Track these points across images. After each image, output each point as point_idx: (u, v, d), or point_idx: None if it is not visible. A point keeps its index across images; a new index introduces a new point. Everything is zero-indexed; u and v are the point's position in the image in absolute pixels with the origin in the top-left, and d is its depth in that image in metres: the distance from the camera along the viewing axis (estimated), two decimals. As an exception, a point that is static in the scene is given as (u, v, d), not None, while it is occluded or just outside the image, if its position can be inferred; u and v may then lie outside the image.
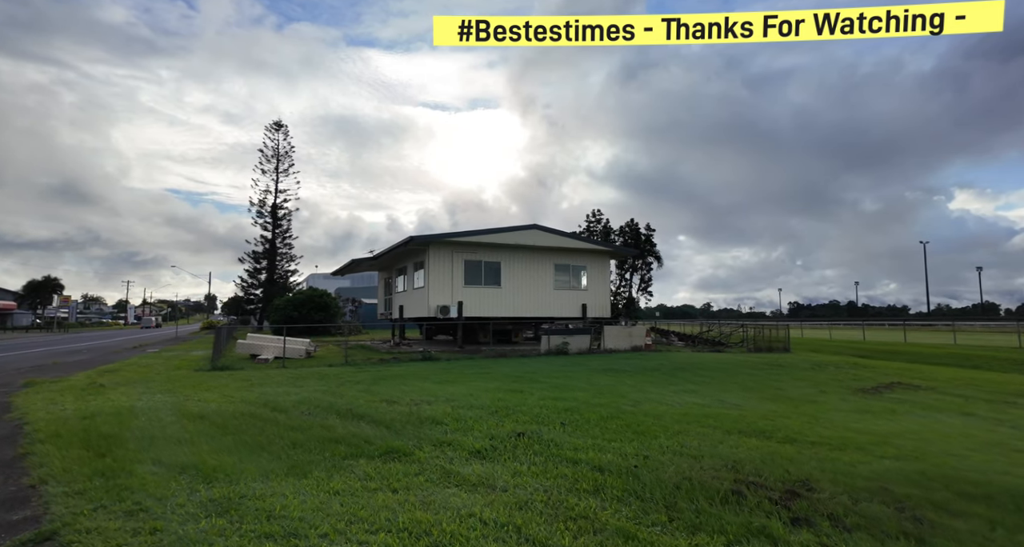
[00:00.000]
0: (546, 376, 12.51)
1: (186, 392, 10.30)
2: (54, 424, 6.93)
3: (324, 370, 14.91)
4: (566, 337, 19.74)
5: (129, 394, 10.04)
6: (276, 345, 18.85)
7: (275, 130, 54.49)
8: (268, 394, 9.91)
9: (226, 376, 13.50)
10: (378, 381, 11.89)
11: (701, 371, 13.49)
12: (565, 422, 6.90)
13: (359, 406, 8.29)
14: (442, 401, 8.85)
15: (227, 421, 7.12)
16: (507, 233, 23.01)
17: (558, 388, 10.40)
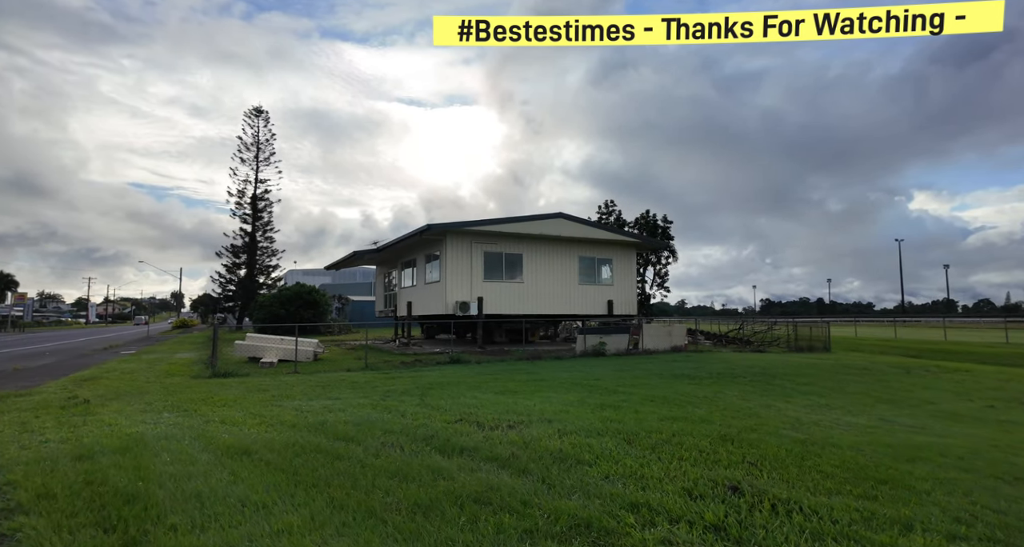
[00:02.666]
0: (618, 384, 10.75)
1: (201, 410, 8.20)
2: (39, 473, 4.84)
3: (347, 376, 12.86)
4: (602, 336, 18.01)
5: (127, 414, 7.90)
6: (280, 347, 16.66)
7: (255, 117, 51.51)
8: (307, 412, 7.91)
9: (235, 385, 11.37)
10: (426, 392, 9.96)
11: (792, 377, 11.89)
12: (755, 462, 5.13)
13: (442, 431, 6.39)
14: (537, 421, 7.01)
15: (286, 460, 5.15)
16: (530, 222, 21.17)
17: (656, 402, 8.64)
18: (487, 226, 20.61)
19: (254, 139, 51.18)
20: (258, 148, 51.16)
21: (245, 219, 49.80)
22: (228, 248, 49.32)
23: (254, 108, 51.49)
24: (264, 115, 51.73)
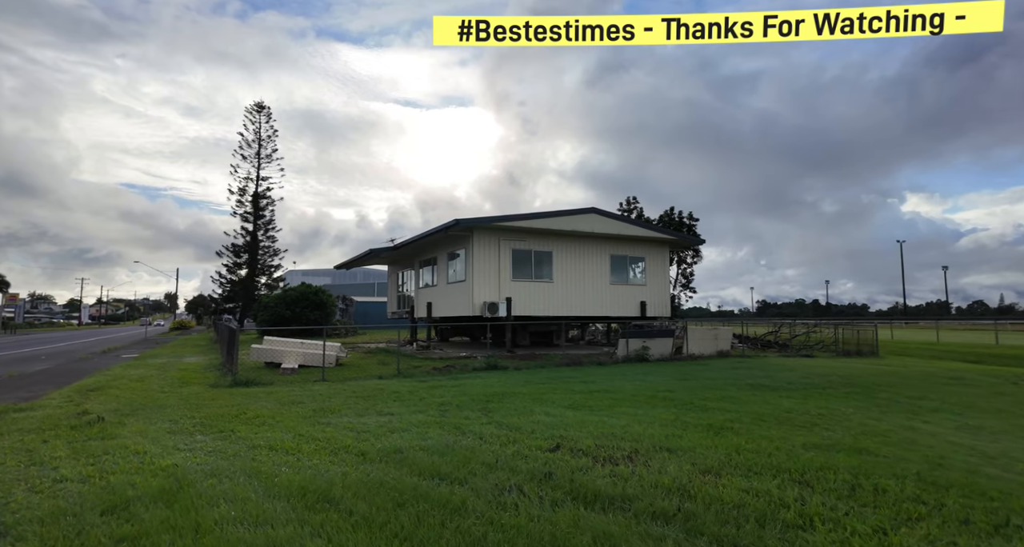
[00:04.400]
0: (697, 397, 9.55)
1: (239, 431, 6.92)
2: (61, 538, 3.57)
3: (383, 385, 11.59)
4: (645, 340, 16.80)
5: (153, 437, 6.61)
6: (301, 351, 15.36)
7: (256, 112, 50.01)
8: (367, 433, 6.71)
9: (263, 396, 10.08)
10: (486, 406, 8.73)
11: (889, 388, 10.69)
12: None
13: (554, 465, 5.17)
14: (653, 450, 5.80)
15: (388, 515, 3.90)
16: (561, 218, 19.95)
17: (770, 422, 7.43)
18: (516, 221, 19.37)
19: (256, 135, 49.64)
20: (259, 145, 49.61)
21: (246, 218, 48.24)
22: (229, 247, 47.77)
23: (256, 104, 49.95)
24: (266, 111, 50.17)
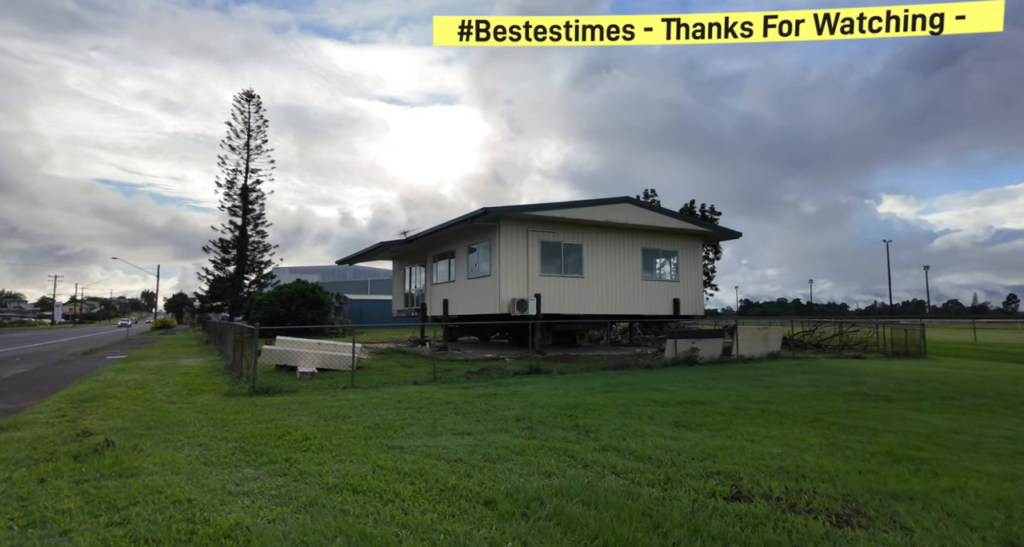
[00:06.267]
0: (800, 408, 8.22)
1: (294, 460, 5.36)
2: None
3: (424, 393, 10.04)
4: (694, 341, 15.45)
5: (186, 471, 5.01)
6: (318, 353, 13.71)
7: (246, 101, 47.60)
8: (462, 463, 5.35)
9: (295, 408, 8.49)
10: (573, 421, 7.34)
11: (1015, 397, 9.48)
12: None
13: (771, 525, 3.74)
14: (871, 494, 4.45)
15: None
16: (594, 207, 18.48)
17: (949, 448, 6.08)
18: (546, 211, 17.80)
19: (245, 125, 47.19)
20: (249, 135, 47.19)
21: (235, 211, 45.83)
22: (216, 243, 45.31)
23: (245, 92, 47.50)
24: (256, 100, 47.77)
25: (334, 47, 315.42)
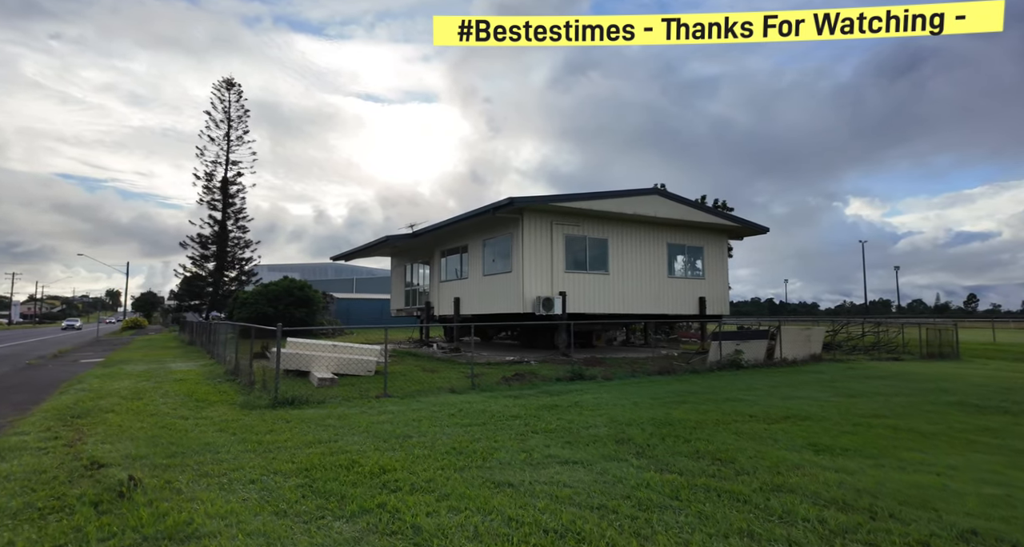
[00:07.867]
0: (925, 424, 7.20)
1: (398, 509, 4.01)
2: None
3: (474, 403, 8.78)
4: (739, 343, 14.43)
5: (255, 528, 3.64)
6: (334, 356, 12.29)
7: (226, 89, 45.24)
8: (605, 510, 4.01)
9: (337, 425, 7.12)
10: (686, 441, 6.10)
11: None
12: None
13: None
14: None
15: None
16: (622, 199, 17.33)
17: None
18: (572, 202, 16.57)
19: (225, 115, 44.78)
20: (229, 125, 44.79)
21: (214, 205, 43.44)
22: (195, 238, 42.89)
23: (225, 80, 45.08)
24: (236, 88, 45.40)
25: (309, 42, 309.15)
